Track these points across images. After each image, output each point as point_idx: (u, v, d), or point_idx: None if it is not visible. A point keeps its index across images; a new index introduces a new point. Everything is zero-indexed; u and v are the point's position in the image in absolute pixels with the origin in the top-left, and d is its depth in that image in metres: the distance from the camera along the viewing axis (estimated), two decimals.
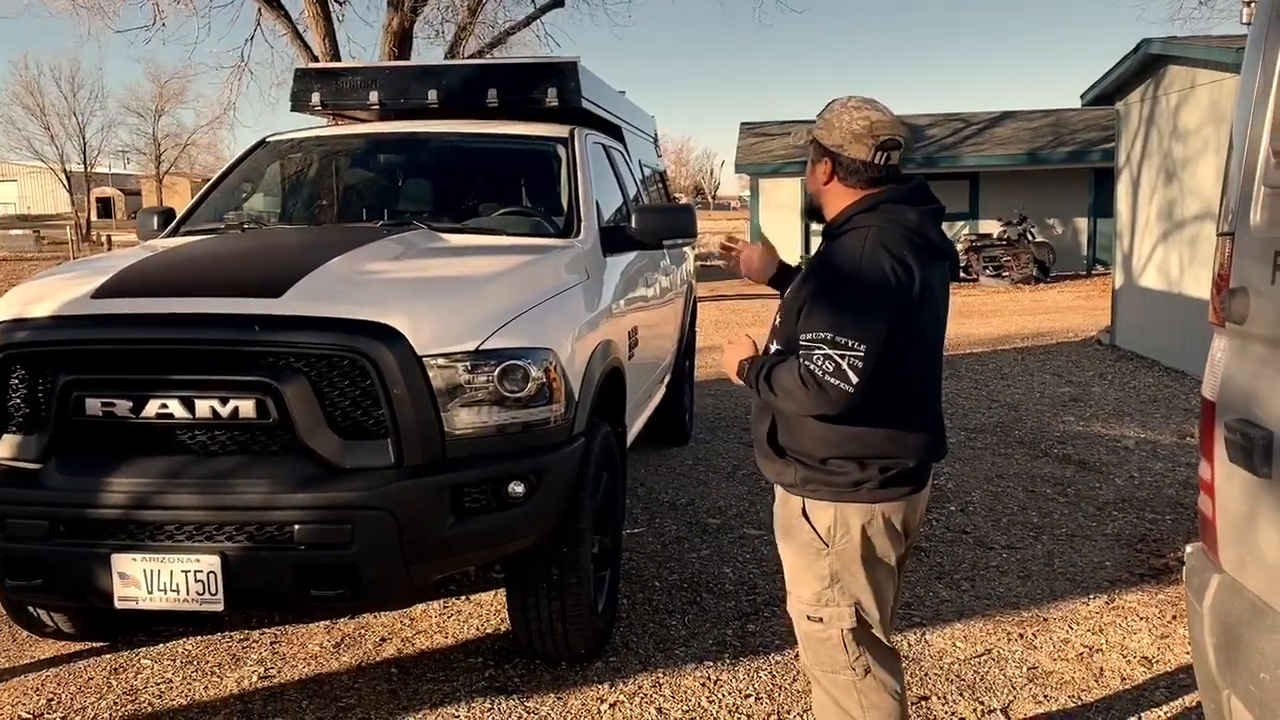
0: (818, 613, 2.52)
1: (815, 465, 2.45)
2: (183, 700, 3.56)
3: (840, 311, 2.28)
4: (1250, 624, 2.00)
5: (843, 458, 2.42)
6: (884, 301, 2.29)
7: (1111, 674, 3.67)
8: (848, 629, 2.50)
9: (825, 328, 2.27)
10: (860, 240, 2.34)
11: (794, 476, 2.48)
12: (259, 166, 5.27)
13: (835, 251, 2.40)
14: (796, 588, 2.57)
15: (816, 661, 2.58)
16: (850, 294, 2.30)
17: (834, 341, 2.25)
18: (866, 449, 2.42)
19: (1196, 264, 9.64)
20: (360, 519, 2.99)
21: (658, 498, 5.85)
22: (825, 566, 2.49)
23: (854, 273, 2.30)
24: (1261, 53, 2.15)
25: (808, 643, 2.59)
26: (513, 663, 3.77)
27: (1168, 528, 5.25)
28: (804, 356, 2.30)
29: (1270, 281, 2.03)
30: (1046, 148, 22.21)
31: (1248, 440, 1.99)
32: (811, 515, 2.47)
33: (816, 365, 2.27)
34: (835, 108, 2.46)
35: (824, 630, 2.52)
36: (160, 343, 3.08)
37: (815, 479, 2.45)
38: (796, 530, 2.51)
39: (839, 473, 2.43)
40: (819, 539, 2.47)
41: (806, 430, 2.43)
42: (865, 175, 2.42)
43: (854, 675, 2.53)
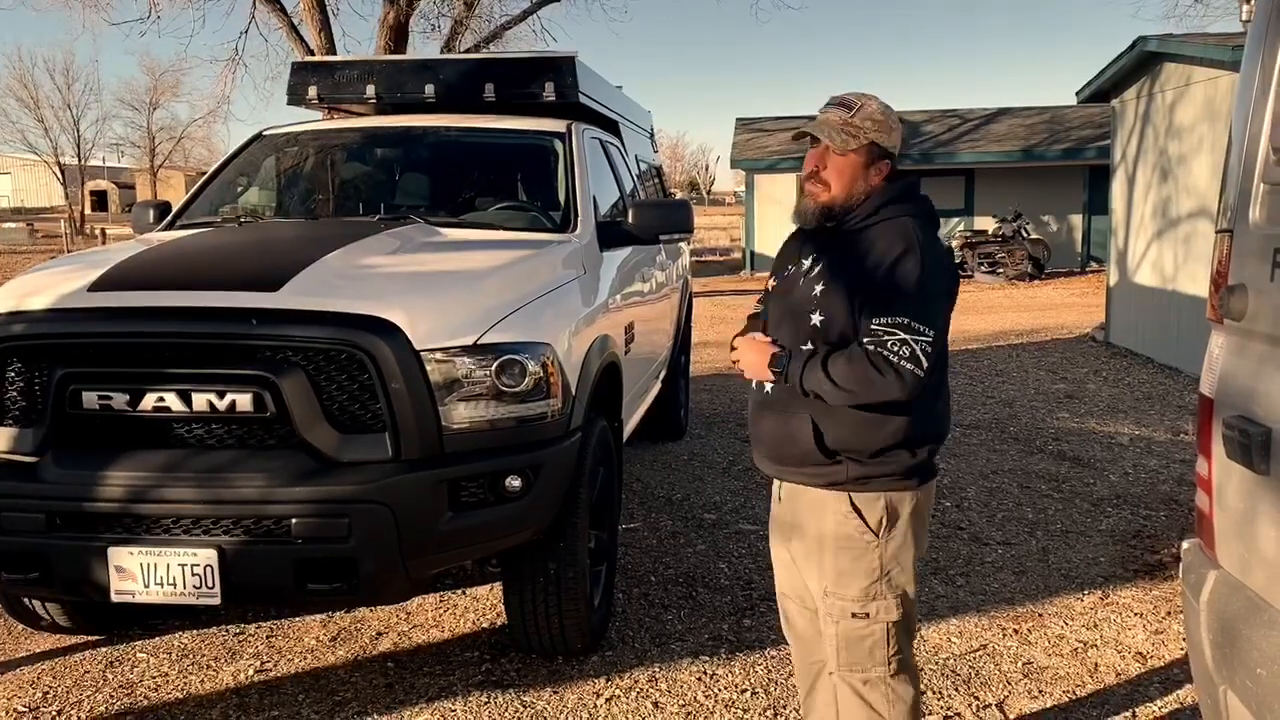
0: (865, 608, 2.47)
1: (868, 459, 2.41)
2: (179, 694, 3.56)
3: (911, 298, 2.30)
4: (1247, 620, 2.00)
5: (896, 446, 2.41)
6: (945, 287, 2.36)
7: (1106, 669, 3.68)
8: (894, 621, 2.48)
9: (898, 313, 2.28)
10: (908, 229, 2.37)
11: (844, 475, 2.43)
12: (255, 160, 5.26)
13: (879, 241, 2.38)
14: (839, 588, 2.49)
15: (849, 662, 2.52)
16: (918, 281, 2.31)
17: (909, 327, 2.28)
18: (918, 435, 2.43)
19: (1191, 261, 9.66)
20: (357, 513, 2.99)
21: (653, 493, 5.86)
22: (875, 559, 2.45)
23: (918, 261, 2.32)
24: (1261, 49, 2.15)
25: (845, 643, 2.51)
26: (509, 657, 3.77)
27: (1162, 524, 5.27)
28: (874, 344, 2.29)
29: (1269, 279, 2.03)
30: (1042, 145, 22.22)
31: (1246, 437, 2.00)
32: (863, 509, 2.44)
33: (892, 351, 2.27)
34: (882, 110, 2.44)
35: (868, 626, 2.48)
36: (157, 336, 3.07)
37: (869, 472, 2.42)
38: (842, 527, 2.45)
39: (892, 462, 2.42)
40: (870, 532, 2.44)
41: (862, 425, 2.39)
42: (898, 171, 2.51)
43: (886, 671, 2.50)
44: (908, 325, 2.28)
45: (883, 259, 2.35)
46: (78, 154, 56.49)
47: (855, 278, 2.38)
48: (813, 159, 2.47)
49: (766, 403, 2.53)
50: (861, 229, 2.42)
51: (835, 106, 2.45)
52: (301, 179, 5.35)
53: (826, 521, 2.48)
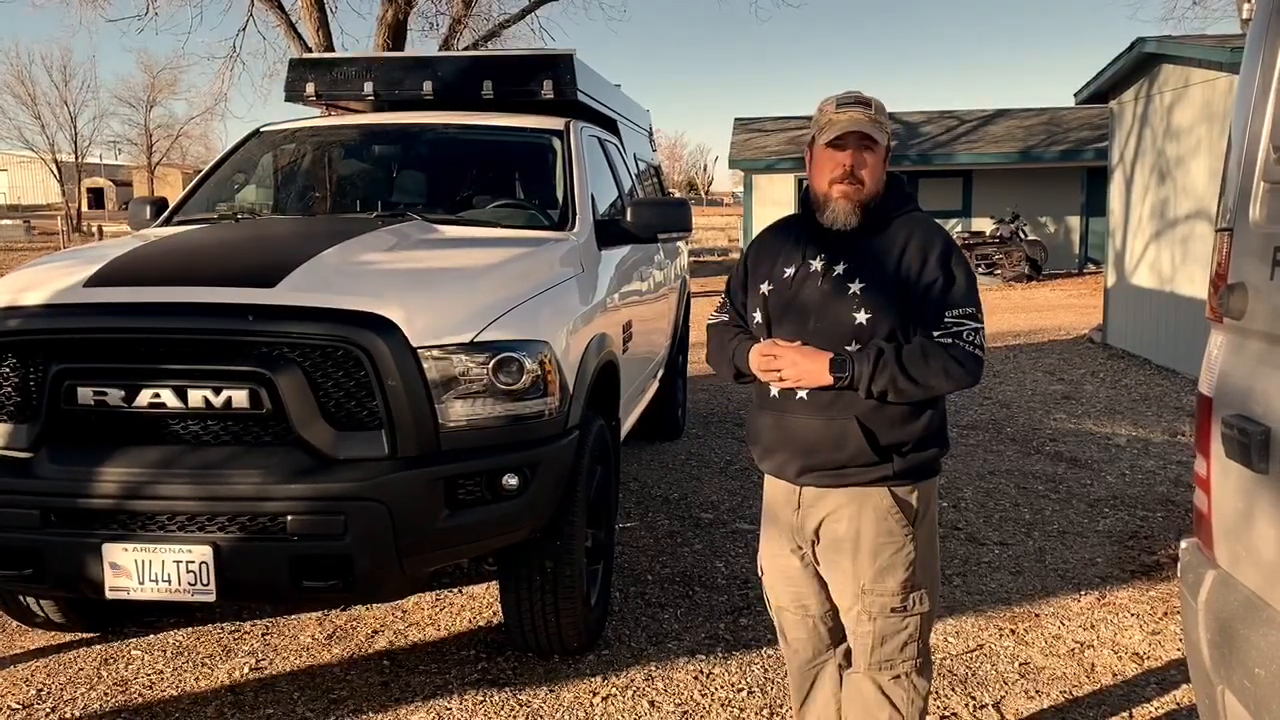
0: (904, 601, 2.49)
1: (908, 452, 2.44)
2: (173, 691, 3.55)
3: (970, 288, 2.41)
4: (1245, 619, 2.00)
5: (929, 438, 2.47)
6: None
7: (1103, 670, 3.67)
8: (927, 611, 2.53)
9: (967, 303, 2.39)
10: (932, 222, 2.48)
11: (891, 469, 2.44)
12: (253, 157, 5.25)
13: (915, 234, 2.43)
14: (878, 585, 2.48)
15: (882, 659, 2.51)
16: (968, 272, 2.43)
17: (975, 316, 2.39)
18: (940, 424, 2.50)
19: (1189, 263, 9.66)
20: (353, 510, 2.98)
21: (651, 492, 5.85)
22: (912, 550, 2.48)
23: (959, 252, 2.44)
24: (1262, 49, 2.15)
25: (880, 639, 2.51)
26: (505, 655, 3.76)
27: (1159, 525, 5.27)
28: (951, 336, 2.35)
29: (1269, 277, 2.03)
30: (1040, 146, 22.24)
31: (1245, 436, 1.99)
32: (903, 502, 2.47)
33: (968, 341, 2.36)
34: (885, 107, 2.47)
35: (904, 619, 2.50)
36: (153, 332, 3.06)
37: (909, 465, 2.45)
38: (883, 523, 2.45)
39: (925, 452, 2.47)
40: (909, 524, 2.47)
41: (908, 420, 2.42)
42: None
43: (913, 666, 2.53)
44: (974, 315, 2.38)
45: (928, 253, 2.40)
46: (75, 151, 56.41)
47: (903, 273, 2.39)
48: (846, 160, 2.41)
49: (795, 409, 2.45)
50: (885, 225, 2.44)
51: (855, 105, 2.41)
52: (299, 176, 5.34)
53: (865, 519, 2.46)
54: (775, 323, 2.51)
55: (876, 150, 2.42)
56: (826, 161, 2.43)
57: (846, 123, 2.39)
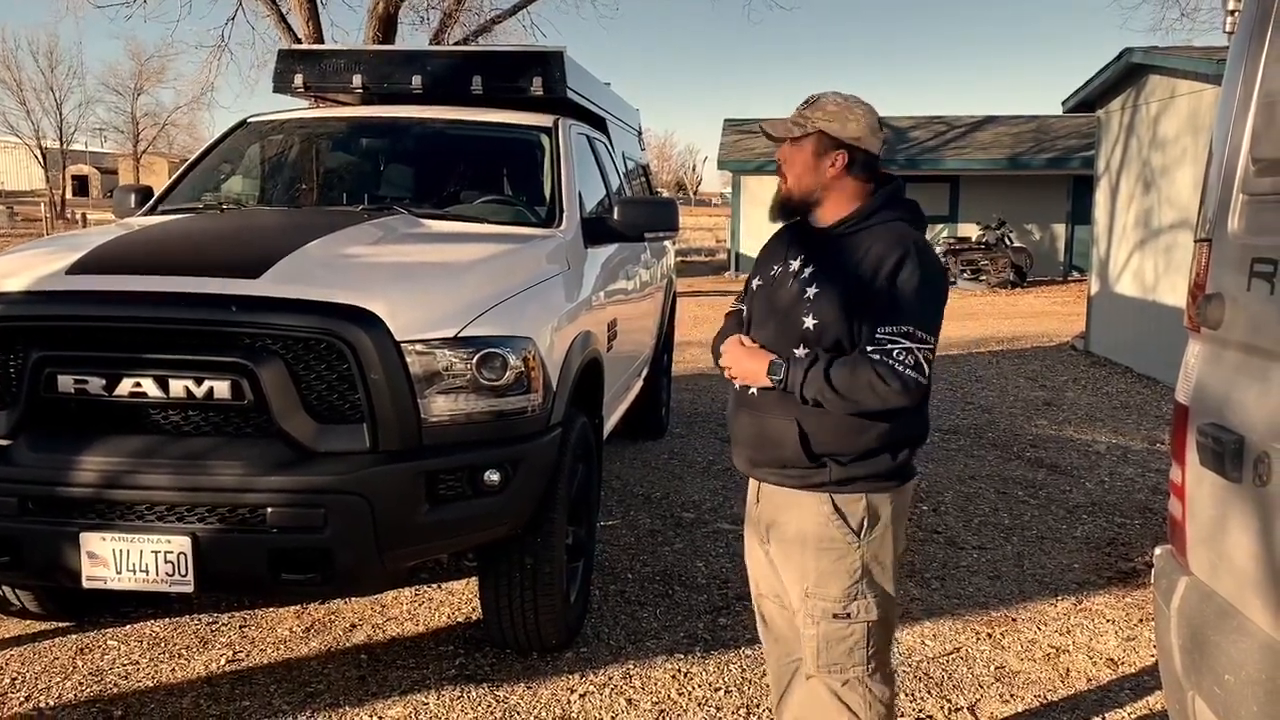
0: (846, 608, 2.47)
1: (852, 460, 2.41)
2: (149, 682, 3.53)
3: (914, 307, 2.31)
4: (1217, 626, 2.02)
5: (880, 449, 2.42)
6: (942, 297, 2.38)
7: (1077, 675, 3.70)
8: (874, 621, 2.48)
9: (903, 322, 2.29)
10: (903, 236, 2.38)
11: (828, 475, 2.43)
12: (239, 147, 5.23)
13: (876, 246, 2.37)
14: (819, 588, 2.49)
15: (829, 663, 2.51)
16: (919, 290, 2.32)
17: (912, 335, 2.29)
18: (901, 437, 2.44)
19: (1171, 272, 9.73)
20: (334, 503, 2.97)
21: (632, 490, 5.86)
22: (857, 560, 2.45)
23: (916, 269, 2.32)
24: (1244, 63, 2.17)
25: (825, 643, 2.51)
26: (483, 651, 3.76)
27: (1136, 532, 5.31)
28: (880, 352, 2.29)
29: (1246, 288, 2.05)
30: (1027, 153, 22.35)
31: (1219, 445, 2.02)
32: (844, 510, 2.44)
33: (898, 360, 2.28)
34: (839, 101, 2.45)
35: (848, 626, 2.48)
36: (135, 321, 3.04)
37: (851, 474, 2.42)
38: (824, 529, 2.45)
39: (875, 463, 2.43)
40: (851, 533, 2.44)
41: (849, 429, 2.39)
42: (873, 169, 2.48)
43: (865, 671, 2.50)
44: (911, 334, 2.29)
45: (881, 265, 2.34)
46: (60, 137, 56.03)
47: (852, 282, 2.36)
48: (777, 155, 2.52)
49: (749, 403, 2.51)
50: (855, 232, 2.42)
51: (799, 104, 2.50)
52: (285, 167, 5.32)
53: (807, 522, 2.47)
54: (754, 319, 2.55)
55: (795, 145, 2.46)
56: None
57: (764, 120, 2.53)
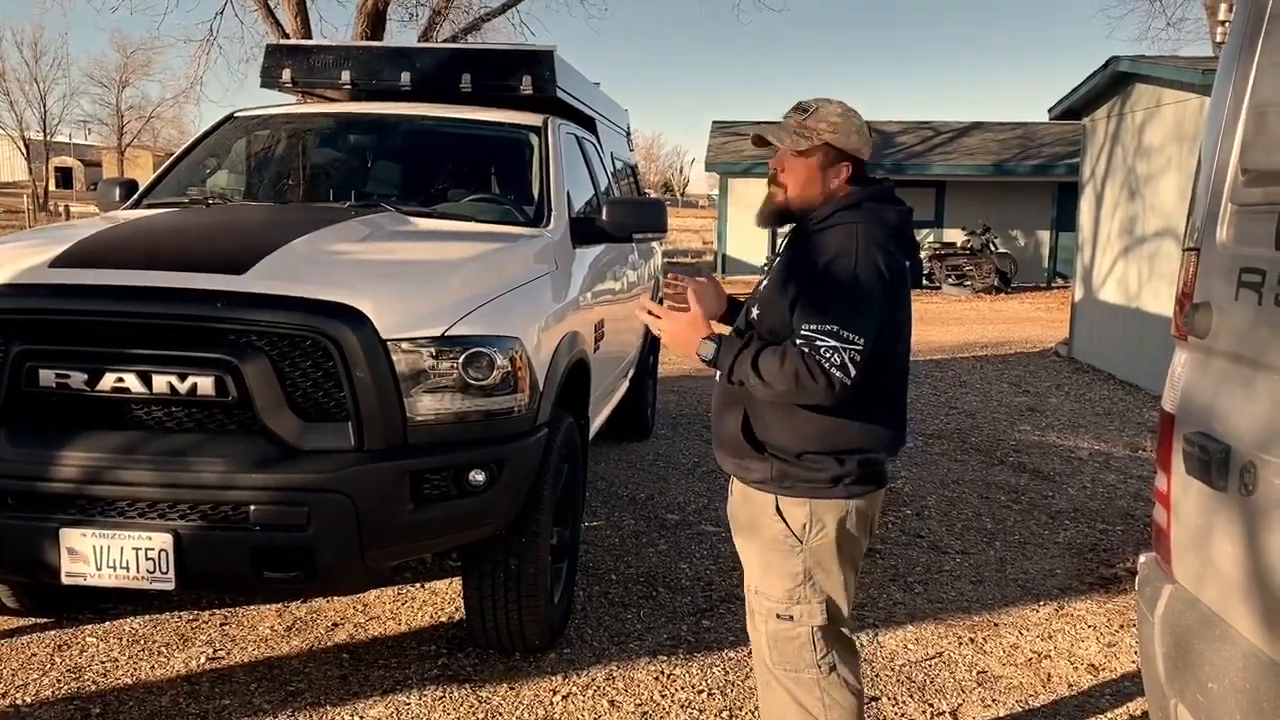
0: (788, 610, 2.49)
1: (791, 460, 2.43)
2: (128, 680, 3.50)
3: (843, 304, 2.31)
4: (1200, 635, 2.03)
5: (820, 453, 2.41)
6: (878, 297, 2.33)
7: (1059, 680, 3.71)
8: (818, 626, 2.49)
9: (830, 320, 2.29)
10: (851, 236, 2.37)
11: (768, 473, 2.45)
12: (226, 142, 5.19)
13: (824, 245, 2.39)
14: (765, 586, 2.53)
15: (781, 661, 2.54)
16: (851, 288, 2.32)
17: (838, 334, 2.28)
18: (845, 443, 2.42)
19: (1155, 279, 9.79)
20: (317, 502, 2.95)
21: (617, 492, 5.85)
22: (799, 564, 2.46)
23: (853, 268, 2.33)
24: (1234, 73, 2.18)
25: (773, 642, 2.54)
26: (466, 652, 3.75)
27: (1118, 538, 5.33)
28: (806, 346, 2.29)
29: (1233, 298, 2.06)
30: (1013, 160, 22.47)
31: (1206, 453, 2.02)
32: (785, 512, 2.45)
33: (823, 356, 2.27)
34: (840, 112, 2.46)
35: (793, 629, 2.50)
36: (119, 315, 3.01)
37: (791, 475, 2.43)
38: (766, 527, 2.48)
39: (816, 468, 2.42)
40: (793, 536, 2.45)
41: (786, 424, 2.41)
42: (864, 178, 2.51)
43: (819, 673, 2.51)
44: (837, 333, 2.28)
45: (816, 262, 2.38)
46: (43, 129, 55.58)
47: (795, 277, 2.42)
48: (774, 162, 2.51)
49: (716, 389, 2.59)
50: (814, 232, 2.45)
51: (793, 111, 2.49)
52: (272, 163, 5.29)
53: (757, 518, 2.51)
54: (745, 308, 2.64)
55: (782, 155, 2.48)
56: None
57: (764, 127, 2.51)
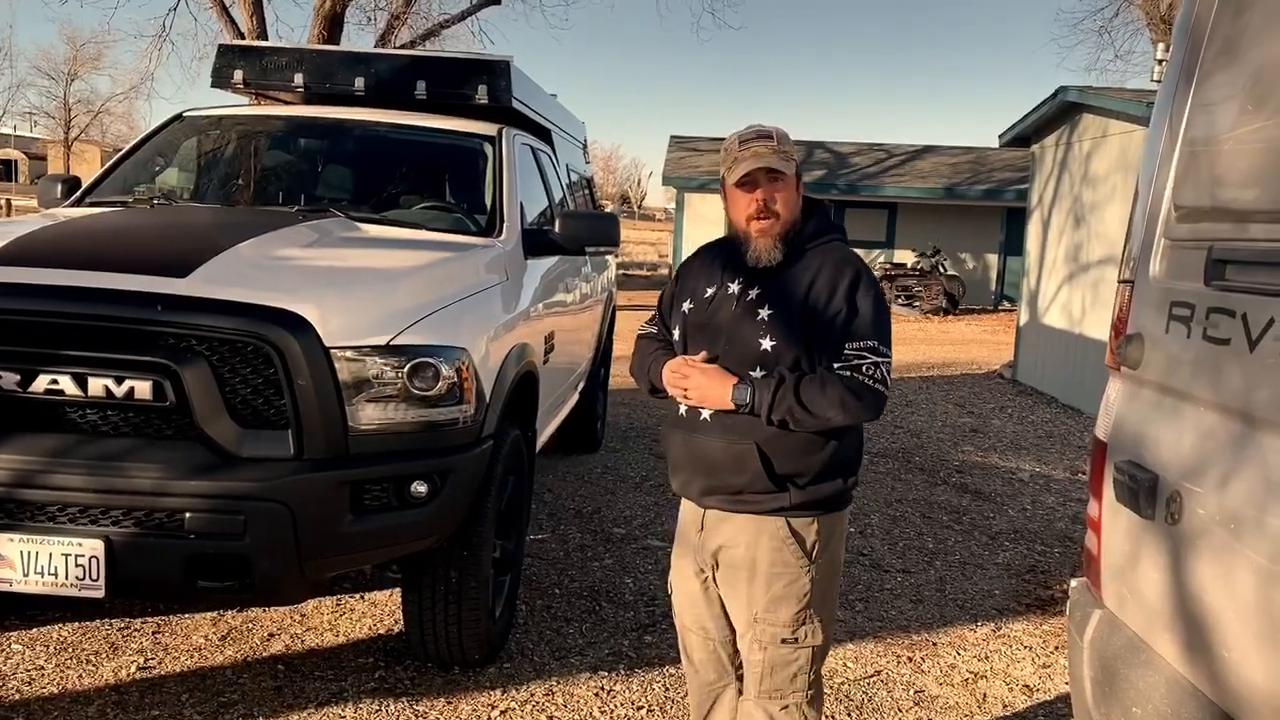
0: (795, 633, 2.47)
1: (807, 484, 2.43)
2: (54, 689, 3.41)
3: (875, 321, 2.38)
4: (1126, 659, 2.07)
5: (833, 472, 2.45)
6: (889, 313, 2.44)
7: (994, 701, 3.76)
8: (818, 646, 2.51)
9: (870, 336, 2.36)
10: (851, 254, 2.46)
11: (789, 500, 2.43)
12: (174, 141, 5.11)
13: (829, 264, 2.42)
14: (771, 614, 2.48)
15: (773, 688, 2.51)
16: (875, 305, 2.40)
17: (877, 350, 2.36)
18: (850, 459, 2.50)
19: (1098, 306, 9.99)
20: (254, 510, 2.91)
21: (564, 505, 5.83)
22: (807, 583, 2.47)
23: (870, 285, 2.41)
24: (1169, 110, 2.24)
25: (770, 669, 2.50)
26: (404, 664, 3.71)
27: (1055, 560, 5.42)
28: (849, 368, 2.34)
29: (1165, 330, 2.11)
30: (964, 184, 22.84)
31: (1134, 482, 2.07)
32: (800, 533, 2.45)
33: (867, 375, 2.34)
34: (786, 136, 2.46)
35: (795, 651, 2.48)
36: (55, 316, 2.94)
37: (808, 497, 2.44)
38: (778, 553, 2.45)
39: (829, 487, 2.46)
40: (805, 557, 2.45)
41: (808, 450, 2.41)
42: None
43: (804, 698, 2.51)
44: (876, 348, 2.36)
45: (837, 284, 2.38)
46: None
47: (809, 302, 2.39)
48: (758, 196, 2.41)
49: (699, 429, 2.46)
50: (802, 254, 2.44)
51: (757, 140, 2.43)
52: (221, 164, 5.21)
53: (761, 547, 2.46)
54: (690, 342, 2.52)
55: (786, 180, 2.44)
56: (740, 199, 2.44)
57: (751, 160, 2.39)
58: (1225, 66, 2.05)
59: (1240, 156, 1.97)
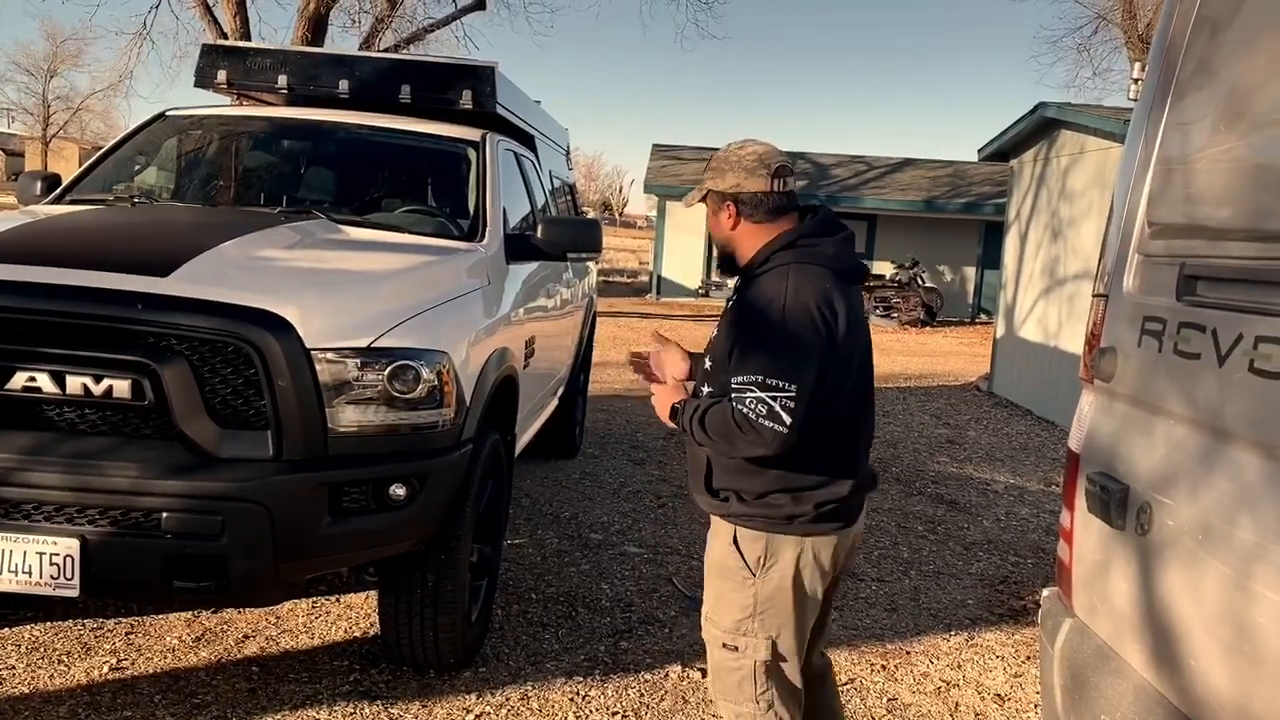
0: (734, 641, 2.50)
1: (753, 500, 2.44)
2: (25, 689, 3.39)
3: (769, 353, 2.28)
4: (1096, 668, 2.10)
5: (778, 491, 2.42)
6: (812, 340, 2.30)
7: (966, 710, 3.79)
8: (761, 661, 2.48)
9: (755, 370, 2.28)
10: (783, 279, 2.35)
11: (729, 508, 2.47)
12: (156, 139, 5.09)
13: (758, 292, 2.39)
14: (716, 615, 2.53)
15: (722, 691, 2.56)
16: (778, 335, 2.30)
17: (764, 384, 2.26)
18: (800, 483, 2.42)
19: (1073, 320, 10.09)
20: (231, 511, 2.90)
21: (542, 510, 5.83)
22: (749, 596, 2.47)
23: (780, 313, 2.31)
24: (1144, 128, 2.28)
25: (718, 671, 2.56)
26: (379, 668, 3.70)
27: (1028, 571, 5.47)
28: (735, 400, 2.29)
29: (1137, 344, 2.14)
30: (943, 197, 23.03)
31: (1106, 493, 2.10)
32: (741, 544, 2.46)
33: (749, 408, 2.26)
34: (720, 153, 2.50)
35: (737, 660, 2.50)
36: (33, 314, 2.92)
37: (750, 511, 2.44)
38: (725, 558, 2.49)
39: (774, 505, 2.43)
40: (746, 568, 2.46)
41: (742, 467, 2.42)
42: (768, 206, 2.45)
43: (756, 709, 2.52)
44: (763, 382, 2.26)
45: (750, 311, 2.38)
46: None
47: (732, 327, 2.43)
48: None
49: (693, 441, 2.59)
50: (756, 276, 2.45)
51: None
52: (203, 164, 5.20)
53: (716, 547, 2.54)
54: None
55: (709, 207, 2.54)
56: None
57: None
58: (1200, 86, 2.09)
59: (1213, 175, 2.01)
